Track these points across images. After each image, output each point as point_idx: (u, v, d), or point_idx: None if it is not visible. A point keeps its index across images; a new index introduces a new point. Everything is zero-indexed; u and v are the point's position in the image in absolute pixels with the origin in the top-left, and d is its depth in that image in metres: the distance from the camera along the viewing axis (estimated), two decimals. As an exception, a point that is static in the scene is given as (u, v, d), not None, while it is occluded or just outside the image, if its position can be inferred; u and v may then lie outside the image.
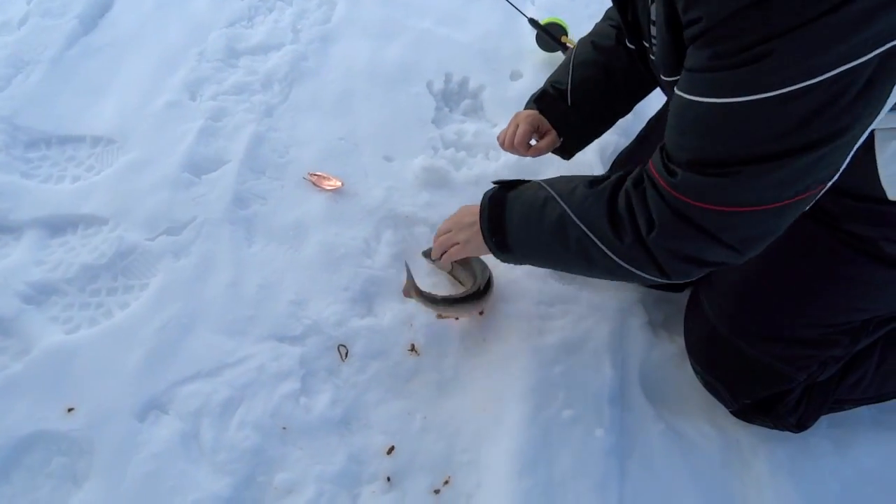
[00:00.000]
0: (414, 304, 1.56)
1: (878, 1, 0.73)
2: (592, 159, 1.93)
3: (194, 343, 1.48)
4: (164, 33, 2.10)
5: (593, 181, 1.18)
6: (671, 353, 1.63)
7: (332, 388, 1.47)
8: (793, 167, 0.87)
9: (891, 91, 0.82)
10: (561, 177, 1.26)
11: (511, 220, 1.27)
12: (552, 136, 1.55)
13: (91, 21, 2.10)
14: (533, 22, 2.08)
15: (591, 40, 1.52)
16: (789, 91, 0.80)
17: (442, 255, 1.46)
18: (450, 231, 1.44)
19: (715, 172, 0.93)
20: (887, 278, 1.21)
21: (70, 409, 1.36)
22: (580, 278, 1.69)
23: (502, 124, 1.61)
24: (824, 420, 1.54)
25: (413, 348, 1.54)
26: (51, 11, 2.08)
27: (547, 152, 1.58)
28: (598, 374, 1.54)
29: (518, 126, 1.53)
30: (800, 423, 1.46)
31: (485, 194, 1.35)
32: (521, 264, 1.39)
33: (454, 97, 2.14)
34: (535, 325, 1.59)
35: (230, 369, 1.46)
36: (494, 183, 1.38)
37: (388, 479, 1.38)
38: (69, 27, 2.04)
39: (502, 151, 1.65)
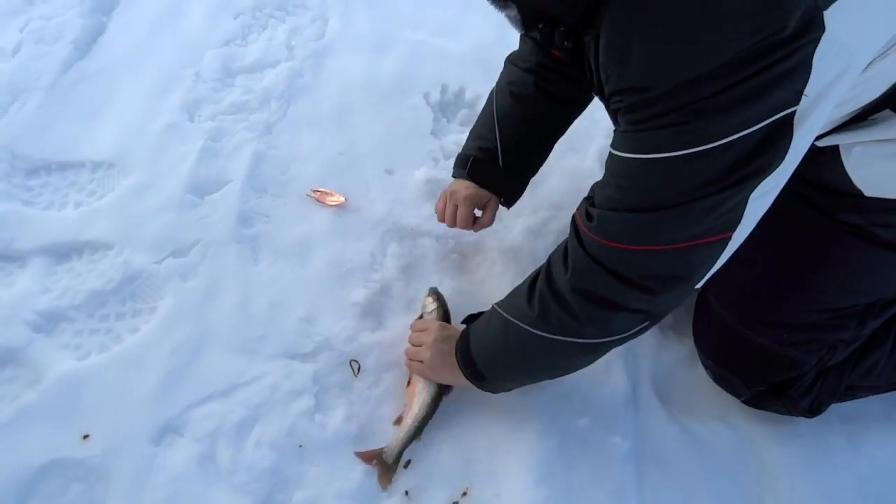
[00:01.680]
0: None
1: (767, 81, 0.85)
2: (593, 166, 1.97)
3: (206, 364, 1.50)
4: (158, 55, 2.12)
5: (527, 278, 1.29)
6: (681, 355, 1.66)
7: (347, 404, 1.50)
8: (690, 213, 0.98)
9: (783, 154, 0.94)
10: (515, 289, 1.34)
11: (474, 344, 1.37)
12: (492, 205, 1.61)
13: (85, 46, 2.12)
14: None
15: (510, 91, 1.53)
16: (688, 153, 0.92)
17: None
18: (420, 345, 1.49)
19: (622, 213, 1.03)
20: (883, 260, 1.28)
21: (85, 436, 1.38)
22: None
23: (500, 133, 1.63)
24: (836, 415, 1.57)
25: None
26: (44, 38, 2.10)
27: (492, 223, 1.64)
28: (611, 381, 1.57)
29: (457, 206, 1.57)
30: (812, 408, 1.49)
31: (456, 345, 1.43)
32: (498, 390, 1.45)
33: (451, 107, 2.17)
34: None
35: (243, 389, 1.48)
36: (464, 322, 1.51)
37: (406, 492, 1.41)
38: (63, 53, 2.06)
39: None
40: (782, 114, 0.89)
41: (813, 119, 0.93)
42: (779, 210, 1.06)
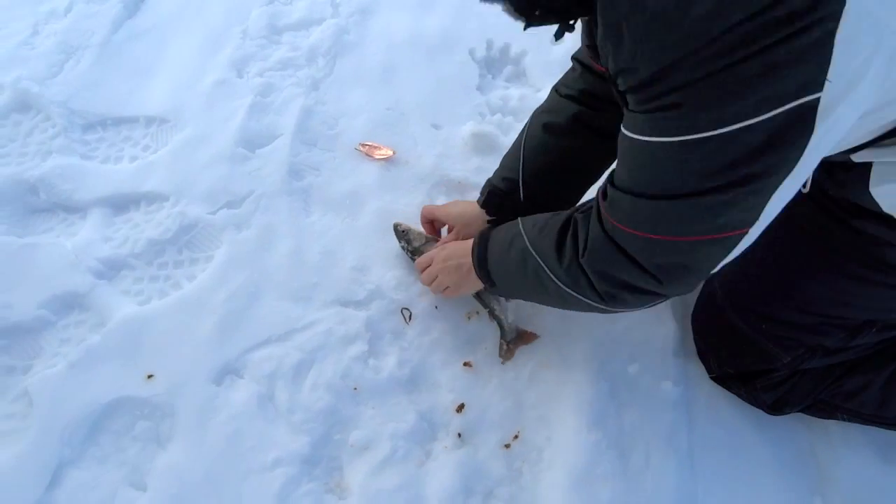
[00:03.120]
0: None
1: (766, 66, 0.78)
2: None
3: (262, 310, 1.56)
4: (205, 14, 2.18)
5: (561, 213, 1.25)
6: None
7: (399, 350, 1.55)
8: (696, 207, 0.94)
9: (801, 150, 0.85)
10: (539, 215, 1.31)
11: (491, 256, 1.38)
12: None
13: (134, 5, 2.19)
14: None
15: (543, 122, 1.47)
16: (694, 138, 0.86)
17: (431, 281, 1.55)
18: (436, 277, 1.53)
19: (637, 199, 1.00)
20: (886, 282, 1.22)
21: (150, 376, 1.45)
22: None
23: (546, 89, 1.65)
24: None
25: (477, 312, 1.62)
26: (94, -2, 2.18)
27: None
28: (661, 328, 1.61)
29: (436, 221, 1.64)
30: (775, 405, 1.48)
31: (476, 234, 1.45)
32: (508, 297, 1.51)
33: (496, 64, 2.20)
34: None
35: (299, 334, 1.54)
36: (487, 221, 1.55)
37: (459, 435, 1.46)
38: (114, 12, 2.13)
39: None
40: (797, 103, 0.80)
41: (844, 109, 0.83)
42: (793, 205, 1.01)
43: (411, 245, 1.66)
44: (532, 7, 0.98)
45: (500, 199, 1.54)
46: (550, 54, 2.18)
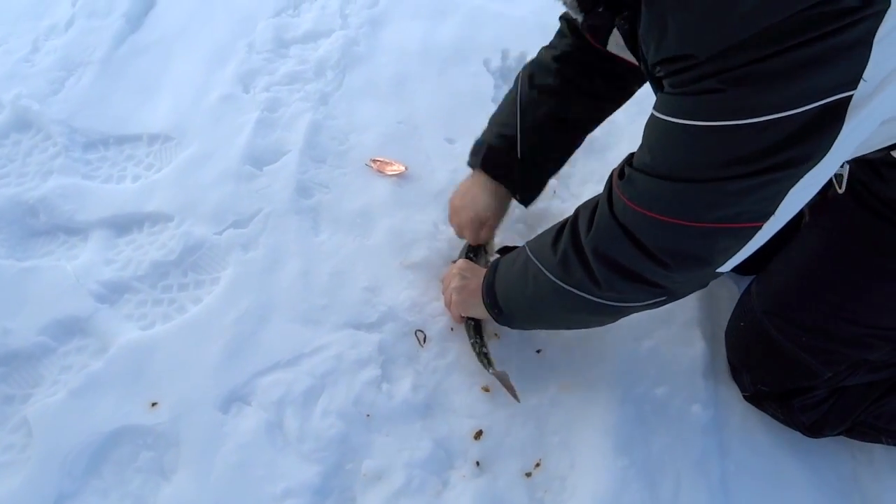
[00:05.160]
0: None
1: (809, 60, 0.81)
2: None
3: (271, 334, 1.55)
4: (210, 27, 2.20)
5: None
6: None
7: (413, 374, 1.53)
8: (715, 192, 0.96)
9: (827, 147, 0.89)
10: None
11: (499, 279, 1.41)
12: (492, 223, 1.63)
13: (137, 19, 2.21)
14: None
15: (534, 77, 1.53)
16: (728, 125, 0.89)
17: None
18: (454, 296, 1.55)
19: (657, 180, 1.02)
20: None
21: (154, 404, 1.44)
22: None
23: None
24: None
25: (495, 334, 1.60)
26: (96, 12, 2.19)
27: (492, 238, 1.69)
28: (689, 348, 1.58)
29: (463, 232, 1.64)
30: (813, 427, 1.44)
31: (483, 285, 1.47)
32: (514, 326, 1.50)
33: (512, 73, 2.17)
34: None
35: (309, 358, 1.53)
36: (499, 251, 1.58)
37: (478, 463, 1.44)
38: (116, 26, 2.16)
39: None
40: (833, 98, 0.84)
41: (870, 110, 0.88)
42: (839, 210, 1.04)
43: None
44: (595, 2, 1.04)
45: (498, 155, 1.56)
46: (567, 64, 2.17)
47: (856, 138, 0.92)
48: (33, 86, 1.97)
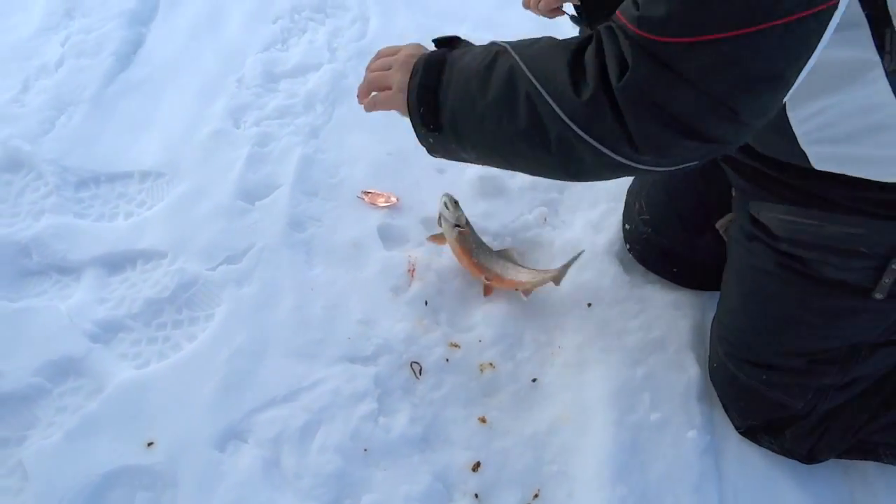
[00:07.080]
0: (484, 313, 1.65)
1: None
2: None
3: (266, 370, 1.56)
4: (200, 63, 2.22)
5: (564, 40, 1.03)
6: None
7: (410, 407, 1.54)
8: None
9: None
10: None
11: (448, 82, 1.10)
12: None
13: (126, 57, 2.24)
14: (575, 18, 2.14)
15: None
16: None
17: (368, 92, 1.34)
18: (388, 68, 1.26)
19: None
20: (840, 304, 1.24)
21: (150, 444, 1.45)
22: (653, 277, 1.75)
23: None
24: None
25: (490, 364, 1.61)
26: (85, 51, 2.22)
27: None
28: (683, 373, 1.60)
29: None
30: (811, 455, 1.45)
31: (420, 56, 1.17)
32: (441, 154, 1.24)
33: (500, 103, 2.23)
34: (611, 327, 1.66)
35: (305, 393, 1.53)
36: (435, 42, 1.22)
37: (476, 495, 1.44)
38: (106, 65, 2.18)
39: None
40: None
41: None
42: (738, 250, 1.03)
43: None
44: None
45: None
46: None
47: None
48: (24, 126, 1.98)
